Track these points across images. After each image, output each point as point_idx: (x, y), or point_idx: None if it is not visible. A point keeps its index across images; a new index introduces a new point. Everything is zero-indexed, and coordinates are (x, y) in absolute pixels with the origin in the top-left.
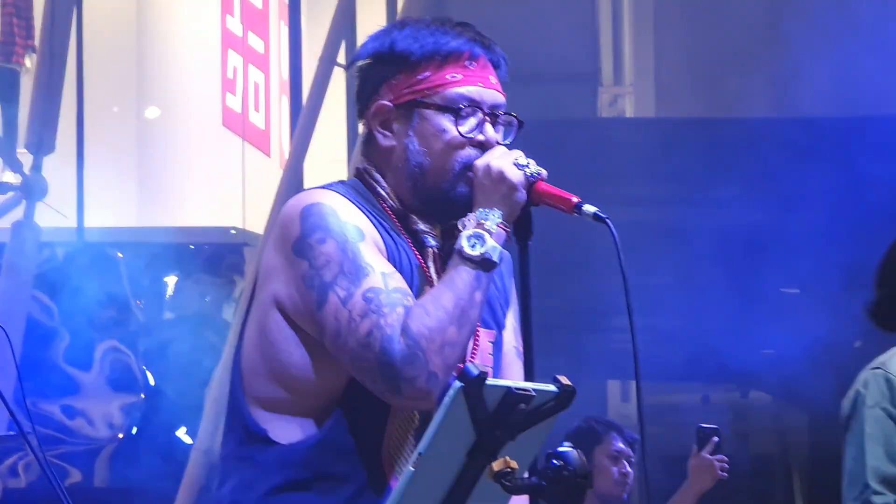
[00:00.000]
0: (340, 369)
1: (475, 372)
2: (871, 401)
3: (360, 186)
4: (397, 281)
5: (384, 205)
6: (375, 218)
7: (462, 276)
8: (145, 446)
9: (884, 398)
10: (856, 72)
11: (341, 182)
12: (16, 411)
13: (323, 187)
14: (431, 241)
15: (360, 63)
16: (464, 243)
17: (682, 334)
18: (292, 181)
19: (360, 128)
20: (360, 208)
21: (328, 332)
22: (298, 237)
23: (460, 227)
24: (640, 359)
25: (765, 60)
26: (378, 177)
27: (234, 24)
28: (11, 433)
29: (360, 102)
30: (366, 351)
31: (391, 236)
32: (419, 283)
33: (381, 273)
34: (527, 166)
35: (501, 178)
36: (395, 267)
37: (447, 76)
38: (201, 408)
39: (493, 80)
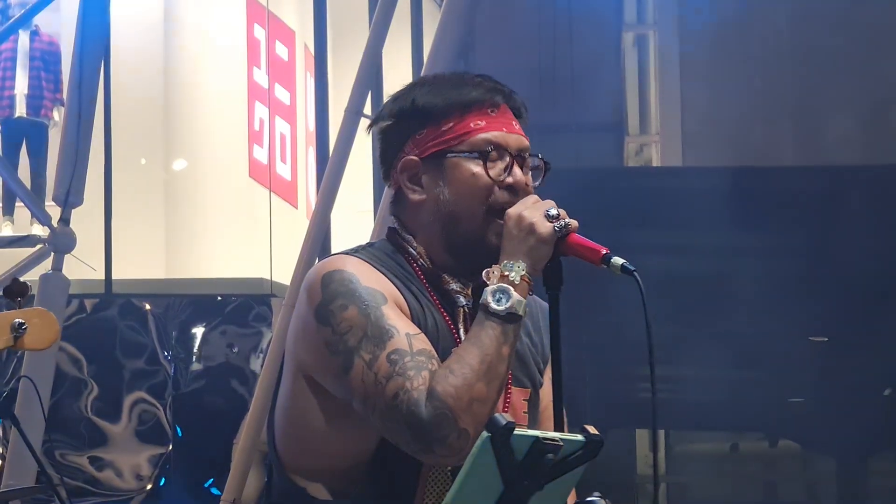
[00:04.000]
0: (369, 433)
1: (503, 421)
2: None
3: (388, 248)
4: (422, 342)
5: (414, 265)
6: (401, 280)
7: (488, 331)
8: (173, 498)
9: None
10: (883, 120)
11: (369, 244)
12: (44, 463)
13: (347, 252)
14: (462, 301)
15: (381, 124)
16: (489, 298)
17: (711, 383)
18: (319, 232)
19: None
20: (385, 271)
21: (357, 396)
22: (320, 304)
23: (485, 279)
24: (669, 408)
25: (791, 109)
26: (408, 237)
27: (261, 77)
28: (40, 485)
29: (385, 164)
30: (394, 413)
31: (417, 298)
32: (445, 344)
33: (405, 334)
34: (558, 216)
35: (531, 230)
36: (420, 328)
37: (471, 124)
38: (229, 459)
39: (516, 125)
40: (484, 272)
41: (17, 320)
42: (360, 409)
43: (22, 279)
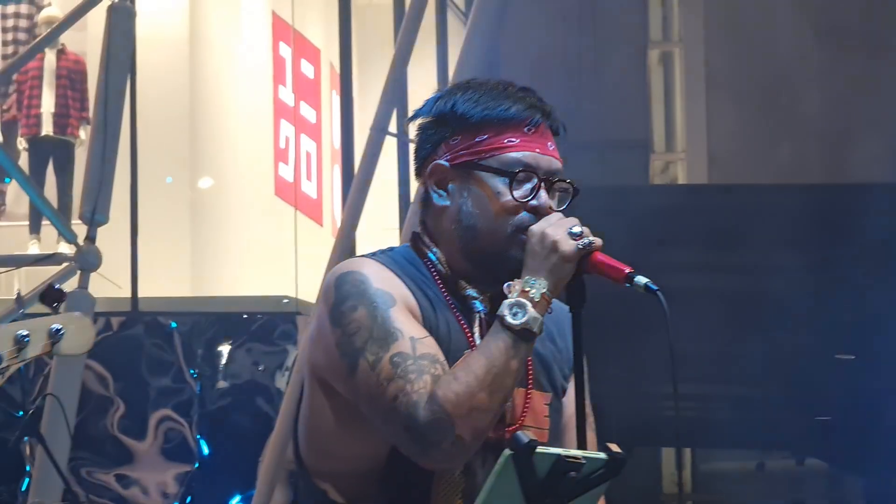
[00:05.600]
0: (379, 435)
1: (525, 440)
2: None
3: (408, 253)
4: (427, 346)
5: (432, 270)
6: (417, 284)
7: (499, 343)
8: None
9: None
10: None
11: (389, 249)
12: (70, 480)
13: (365, 256)
14: (479, 306)
15: (420, 121)
16: (506, 311)
17: (737, 401)
18: (344, 250)
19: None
20: (401, 275)
21: (361, 397)
22: (333, 306)
23: (506, 293)
24: (694, 426)
25: (817, 127)
26: (429, 241)
27: (287, 95)
28: (66, 503)
29: (418, 161)
30: (393, 415)
31: (431, 302)
32: (458, 349)
33: (410, 338)
34: (581, 234)
35: (554, 248)
36: (431, 333)
37: (505, 140)
38: (254, 477)
39: (551, 146)
40: (506, 285)
41: (54, 326)
42: (366, 410)
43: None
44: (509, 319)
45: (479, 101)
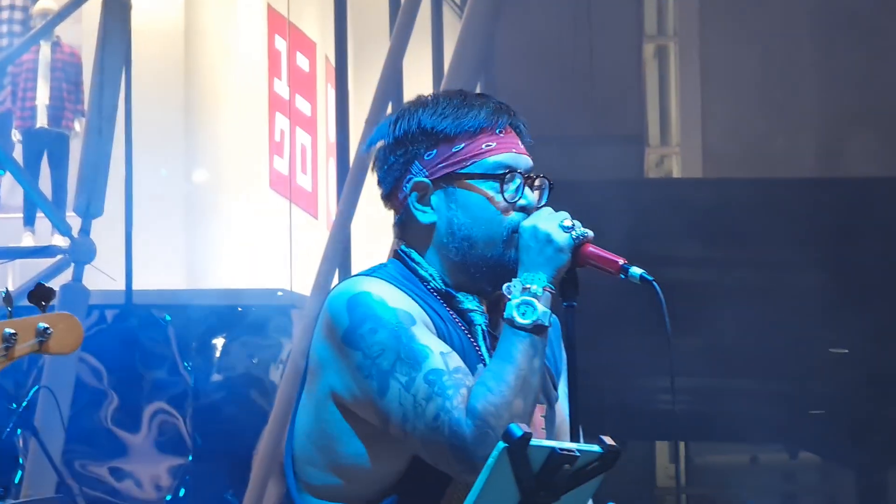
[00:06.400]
0: (398, 457)
1: (519, 432)
2: None
3: (403, 270)
4: (456, 360)
5: (428, 286)
6: (422, 300)
7: (517, 346)
8: None
9: None
10: None
11: (383, 265)
12: (64, 473)
13: (366, 274)
14: (479, 319)
15: (381, 146)
16: (514, 313)
17: (731, 394)
18: (339, 243)
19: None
20: (405, 291)
21: (393, 420)
22: (348, 329)
23: (506, 293)
24: (687, 420)
25: (812, 121)
26: (418, 258)
27: (282, 88)
28: (60, 495)
29: (386, 186)
30: (436, 434)
31: (440, 317)
32: (470, 363)
33: (439, 353)
34: (573, 228)
35: (548, 240)
36: (448, 346)
37: (482, 146)
38: (248, 470)
39: (521, 145)
40: (504, 286)
41: (41, 324)
42: (398, 432)
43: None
44: (520, 320)
45: (445, 114)
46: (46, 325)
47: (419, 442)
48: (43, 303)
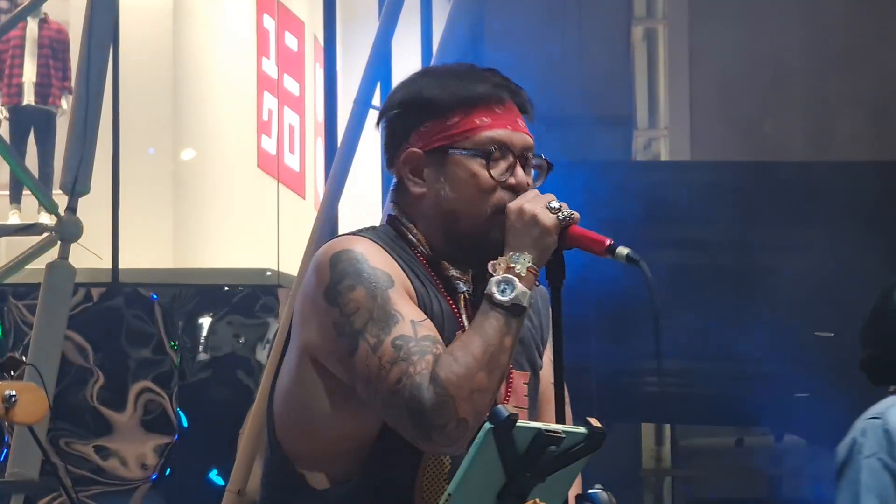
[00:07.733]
0: (371, 418)
1: (505, 413)
2: (868, 450)
3: (391, 233)
4: (427, 328)
5: (415, 251)
6: (407, 264)
7: (492, 321)
8: (178, 488)
9: (881, 449)
10: (893, 115)
11: (373, 228)
12: (49, 451)
13: (354, 233)
14: (463, 287)
15: (388, 113)
16: (494, 289)
17: (716, 377)
18: (327, 223)
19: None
20: (392, 254)
21: (360, 380)
22: (329, 284)
23: (490, 271)
24: (675, 402)
25: (801, 104)
26: (409, 224)
27: (270, 67)
28: (45, 474)
29: (389, 152)
30: (396, 398)
31: (422, 282)
32: (450, 329)
33: (410, 320)
34: (559, 209)
35: (534, 221)
36: (426, 313)
37: (476, 120)
38: (234, 449)
39: (521, 123)
40: (490, 264)
41: (7, 392)
42: (363, 392)
43: (29, 267)
44: (498, 297)
45: (446, 85)
46: (12, 393)
47: (381, 404)
48: (12, 372)
